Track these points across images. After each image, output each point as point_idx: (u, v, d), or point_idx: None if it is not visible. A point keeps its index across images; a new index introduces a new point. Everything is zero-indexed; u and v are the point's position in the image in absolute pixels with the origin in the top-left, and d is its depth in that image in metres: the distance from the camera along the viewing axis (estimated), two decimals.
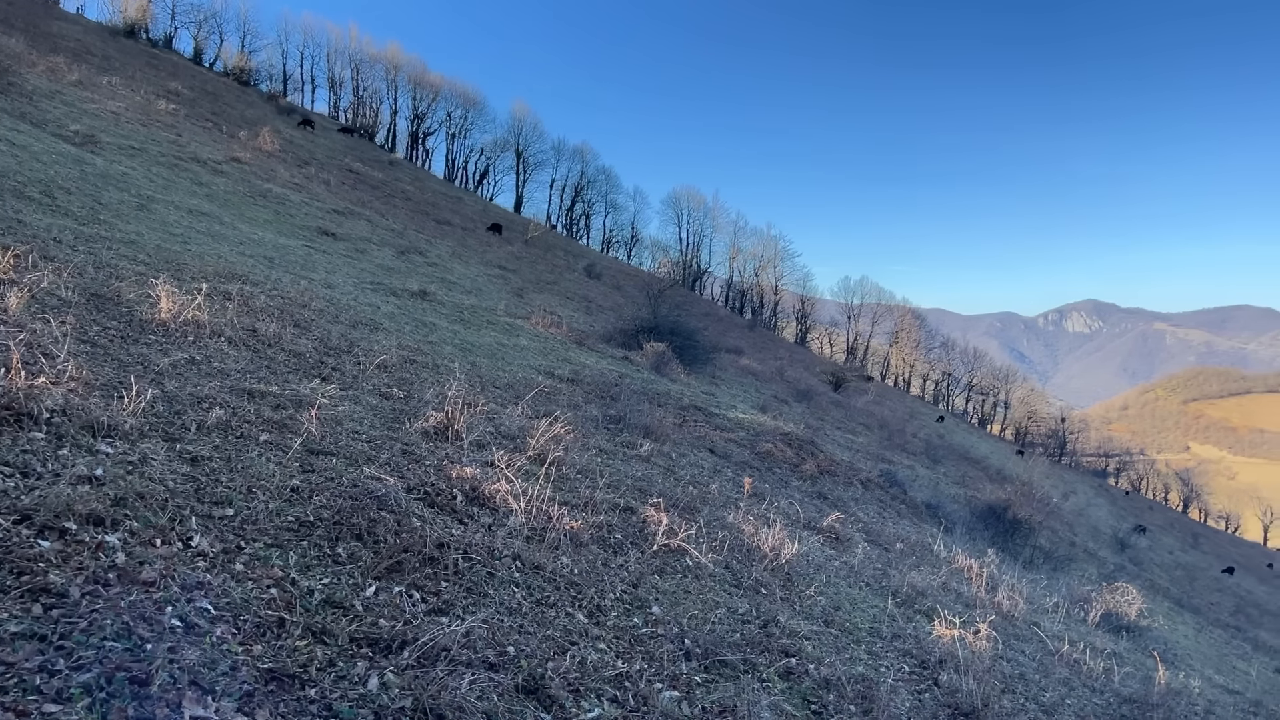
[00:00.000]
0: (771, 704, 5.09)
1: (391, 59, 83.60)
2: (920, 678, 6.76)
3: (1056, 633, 10.34)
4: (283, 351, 9.31)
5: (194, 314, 8.61)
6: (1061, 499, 43.13)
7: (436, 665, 3.96)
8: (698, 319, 37.77)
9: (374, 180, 46.77)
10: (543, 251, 54.40)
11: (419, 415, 8.36)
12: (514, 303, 26.20)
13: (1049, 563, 22.30)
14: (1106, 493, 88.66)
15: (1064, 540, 31.06)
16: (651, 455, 11.37)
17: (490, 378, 12.75)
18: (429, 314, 17.36)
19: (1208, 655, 18.01)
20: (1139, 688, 9.09)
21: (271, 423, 6.62)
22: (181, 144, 28.18)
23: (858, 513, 14.60)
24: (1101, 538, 43.09)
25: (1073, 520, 41.91)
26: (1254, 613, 41.10)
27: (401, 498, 5.76)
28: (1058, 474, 71.64)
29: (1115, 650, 11.11)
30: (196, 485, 4.98)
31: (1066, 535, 33.74)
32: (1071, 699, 7.98)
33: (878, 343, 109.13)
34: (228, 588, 4.01)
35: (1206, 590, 43.07)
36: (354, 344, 11.12)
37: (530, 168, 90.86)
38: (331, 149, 51.31)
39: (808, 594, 7.73)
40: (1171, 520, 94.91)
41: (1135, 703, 8.51)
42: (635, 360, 22.42)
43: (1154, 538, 60.60)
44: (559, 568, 5.81)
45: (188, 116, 36.19)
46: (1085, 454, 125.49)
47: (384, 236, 29.74)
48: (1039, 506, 25.60)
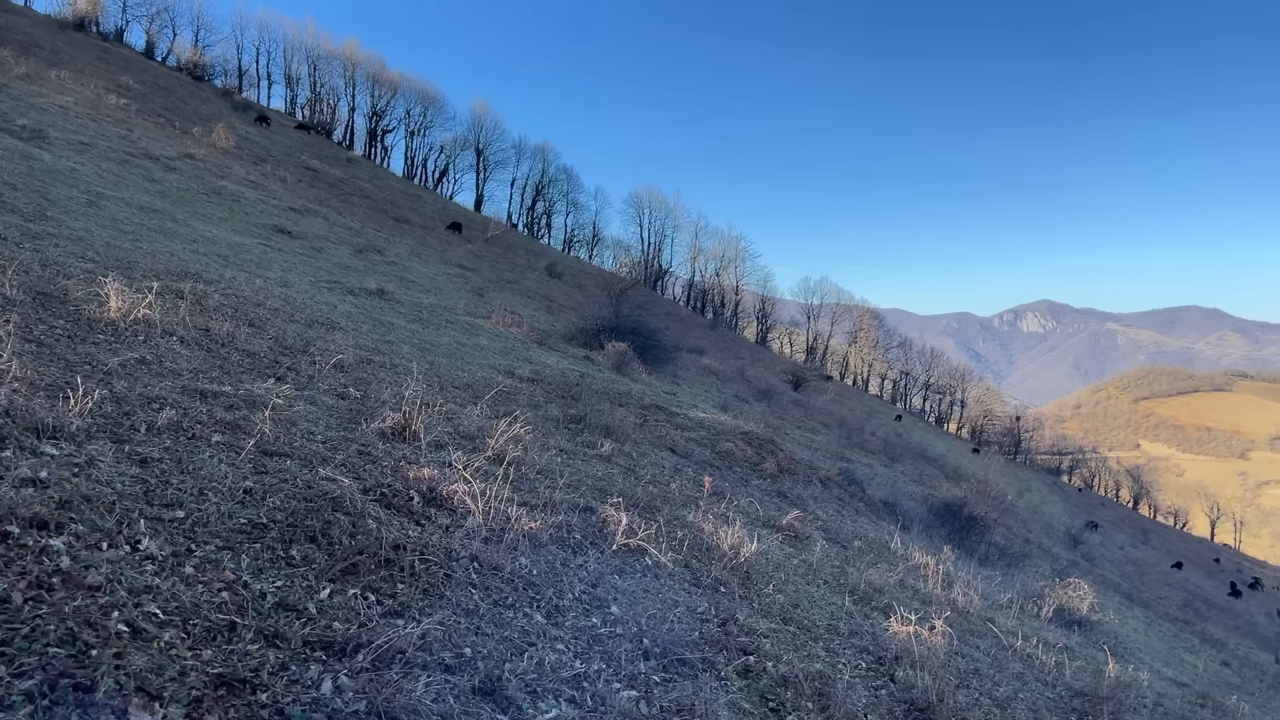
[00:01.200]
0: (729, 702, 5.11)
1: (349, 55, 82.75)
2: (877, 674, 6.83)
3: (1010, 628, 10.50)
4: (236, 351, 9.17)
5: (144, 313, 8.43)
6: (1016, 496, 43.84)
7: (392, 668, 3.92)
8: (659, 319, 37.86)
9: (331, 178, 46.23)
10: (503, 250, 54.14)
11: (376, 415, 8.27)
12: (474, 302, 26.03)
13: (1004, 559, 22.66)
14: (1060, 490, 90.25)
15: (1019, 537, 31.55)
16: (612, 455, 11.35)
17: (449, 377, 12.65)
18: (387, 313, 17.19)
19: (1157, 648, 18.42)
20: (1090, 681, 9.26)
21: (224, 423, 6.51)
22: (133, 139, 27.62)
23: (817, 511, 14.70)
24: (1055, 534, 43.87)
25: (1027, 517, 42.59)
26: (1201, 606, 42.13)
27: (357, 499, 5.70)
28: (1013, 471, 72.84)
29: (1067, 644, 11.31)
30: (145, 487, 4.88)
31: (1021, 532, 34.27)
32: (1025, 693, 8.11)
33: (837, 342, 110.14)
34: (177, 591, 3.93)
35: (1156, 585, 44.05)
36: (310, 343, 10.98)
37: (491, 166, 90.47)
38: (288, 146, 50.60)
39: (766, 592, 7.77)
40: (1123, 516, 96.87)
41: (1086, 696, 8.67)
42: (597, 360, 22.39)
43: (1106, 534, 61.83)
44: (517, 568, 5.78)
45: (139, 112, 35.47)
46: (1040, 452, 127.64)
47: (341, 235, 29.41)
48: (994, 504, 25.99)
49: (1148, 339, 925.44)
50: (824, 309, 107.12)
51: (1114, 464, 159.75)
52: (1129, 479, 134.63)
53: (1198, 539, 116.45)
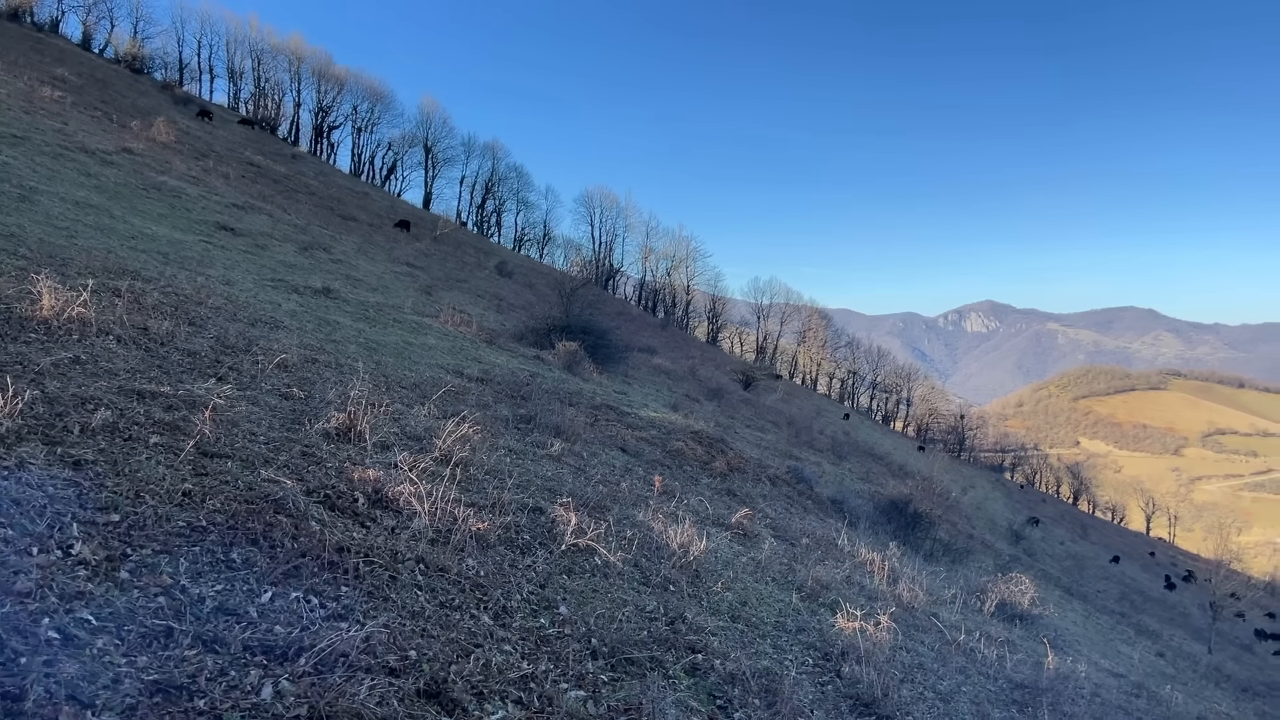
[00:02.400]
0: (677, 700, 5.12)
1: (294, 50, 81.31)
2: (823, 670, 6.91)
3: (954, 622, 10.68)
4: (176, 350, 8.95)
5: (79, 311, 8.19)
6: (961, 493, 44.65)
7: (334, 671, 3.86)
8: (611, 318, 37.83)
9: (276, 174, 45.42)
10: (452, 249, 53.67)
11: (320, 416, 8.14)
12: (422, 301, 25.76)
13: (948, 555, 23.04)
14: (1003, 486, 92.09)
15: (963, 533, 32.13)
16: (562, 455, 11.32)
17: (396, 377, 12.50)
18: (333, 312, 16.93)
19: (1095, 640, 18.89)
20: (1030, 673, 9.48)
21: (162, 424, 6.35)
22: (68, 133, 26.85)
23: (766, 509, 14.82)
24: (998, 530, 44.78)
25: (971, 513, 43.41)
26: (1137, 599, 43.30)
27: (300, 501, 5.60)
28: (957, 469, 74.19)
29: (1009, 638, 11.55)
30: (79, 490, 4.74)
31: (965, 528, 34.91)
32: (967, 686, 8.27)
33: (786, 342, 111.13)
34: (111, 597, 3.84)
35: (1094, 579, 45.15)
36: (253, 342, 10.76)
37: (440, 164, 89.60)
38: (231, 141, 49.59)
39: (715, 590, 7.82)
40: (1063, 512, 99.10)
41: (1026, 688, 8.87)
42: (547, 359, 22.31)
43: (1046, 529, 63.22)
44: (464, 569, 5.74)
45: (75, 105, 34.51)
46: (983, 449, 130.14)
47: (286, 232, 28.89)
48: (939, 501, 26.42)
49: (1087, 339, 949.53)
50: (773, 309, 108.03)
51: (1054, 461, 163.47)
52: (1069, 475, 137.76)
53: (1134, 533, 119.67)
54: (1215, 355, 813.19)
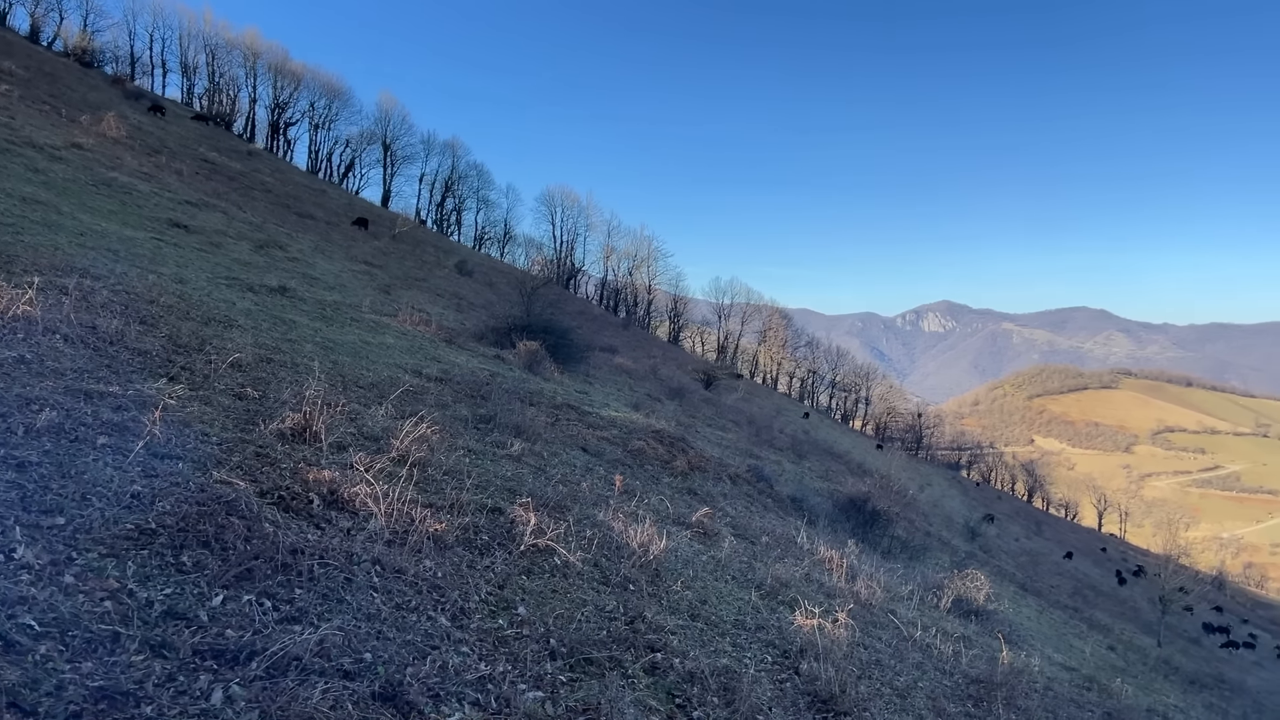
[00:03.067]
0: (636, 700, 5.12)
1: (250, 44, 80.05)
2: (782, 667, 6.95)
3: (911, 619, 10.81)
4: (126, 350, 8.75)
5: (24, 309, 7.98)
6: (918, 491, 45.16)
7: (287, 675, 3.81)
8: (572, 317, 37.73)
9: (231, 171, 44.65)
10: (411, 247, 53.18)
11: (275, 416, 8.01)
12: (380, 300, 25.49)
13: (906, 552, 23.31)
14: (959, 484, 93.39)
15: (920, 530, 32.52)
16: (522, 455, 11.25)
17: (353, 377, 12.35)
18: (289, 311, 16.68)
19: (1048, 635, 19.23)
20: (985, 668, 9.61)
21: (111, 425, 6.21)
22: (15, 127, 26.18)
23: (726, 507, 14.87)
24: (954, 527, 45.37)
25: (928, 511, 43.92)
26: (1090, 594, 44.13)
27: (254, 502, 5.51)
28: (915, 467, 75.09)
29: (965, 634, 11.72)
30: (22, 493, 4.62)
31: (922, 525, 35.33)
32: (924, 681, 8.36)
33: (747, 341, 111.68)
34: (55, 602, 3.74)
35: (1048, 574, 45.94)
36: (206, 342, 10.57)
37: (398, 161, 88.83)
38: (184, 137, 48.65)
39: (675, 589, 7.82)
40: (1018, 509, 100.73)
41: (981, 683, 9.00)
42: (508, 359, 22.19)
43: (1002, 526, 64.24)
44: (421, 571, 5.68)
45: (22, 98, 33.64)
46: (940, 447, 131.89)
47: (241, 229, 28.41)
48: (897, 498, 26.71)
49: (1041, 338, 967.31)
50: (734, 309, 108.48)
51: (1010, 459, 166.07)
52: (1024, 473, 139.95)
53: (1087, 529, 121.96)
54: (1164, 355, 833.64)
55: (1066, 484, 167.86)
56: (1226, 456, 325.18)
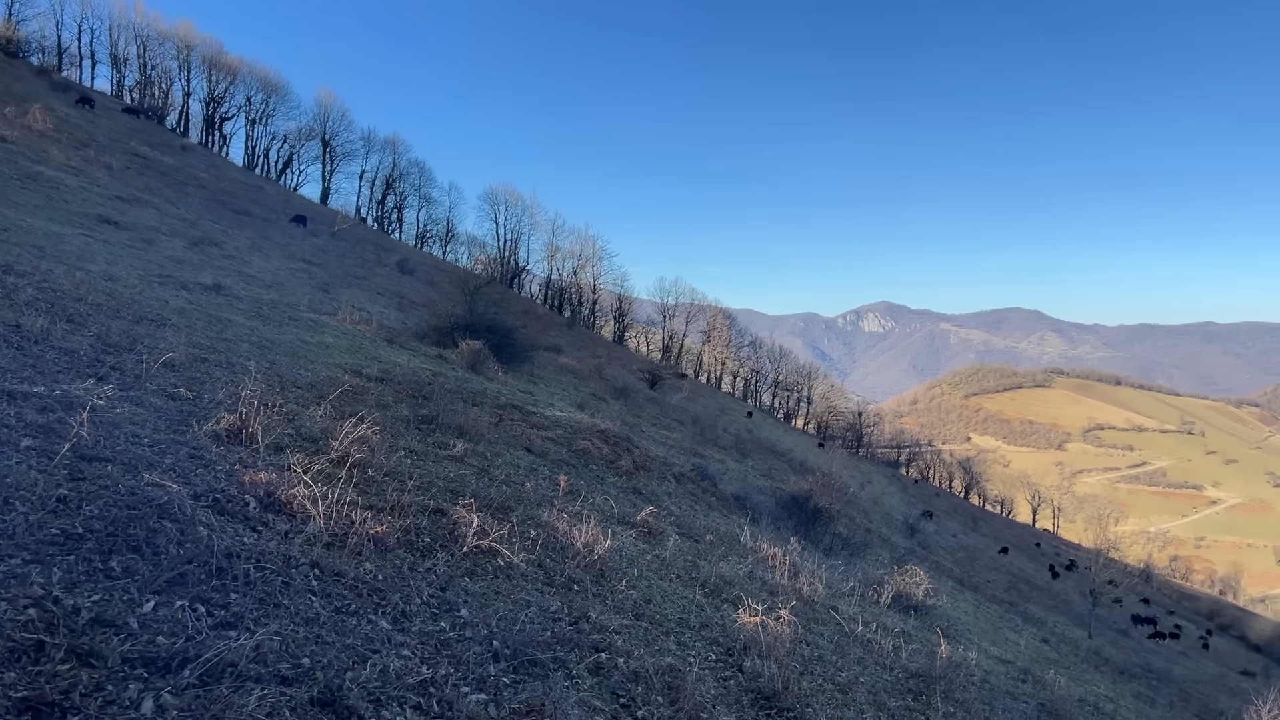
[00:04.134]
0: (580, 700, 5.10)
1: (183, 36, 77.93)
2: (726, 665, 6.99)
3: (852, 615, 10.95)
4: (52, 349, 8.47)
5: None
6: (859, 488, 45.82)
7: (222, 683, 3.71)
8: (516, 317, 37.48)
9: (164, 166, 43.46)
10: (351, 245, 52.31)
11: (210, 417, 7.82)
12: (319, 298, 25.05)
13: (847, 548, 23.60)
14: (899, 481, 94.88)
15: (861, 527, 32.96)
16: (465, 455, 11.15)
17: (291, 377, 12.11)
18: (224, 309, 16.30)
19: (985, 629, 19.62)
20: (924, 663, 9.78)
21: (36, 426, 6.00)
22: None
23: (671, 506, 14.91)
24: (894, 523, 46.06)
25: (869, 508, 44.53)
26: (1025, 588, 45.21)
27: (187, 505, 5.37)
28: (855, 464, 76.13)
29: (904, 629, 11.90)
30: None
31: (863, 522, 35.80)
32: (865, 677, 8.48)
33: (691, 341, 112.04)
34: None
35: (985, 569, 46.94)
36: (137, 341, 10.28)
37: (338, 158, 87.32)
38: (115, 131, 47.24)
39: (620, 588, 7.82)
40: (955, 506, 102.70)
41: (921, 677, 9.15)
42: (450, 358, 21.96)
43: (940, 522, 65.40)
44: (362, 574, 5.59)
45: None
46: (880, 445, 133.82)
47: (174, 226, 27.68)
48: (838, 496, 27.00)
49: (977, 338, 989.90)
50: (679, 308, 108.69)
51: (947, 456, 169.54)
52: (961, 470, 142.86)
53: (1021, 525, 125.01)
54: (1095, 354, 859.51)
55: (1002, 481, 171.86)
56: (1153, 453, 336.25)
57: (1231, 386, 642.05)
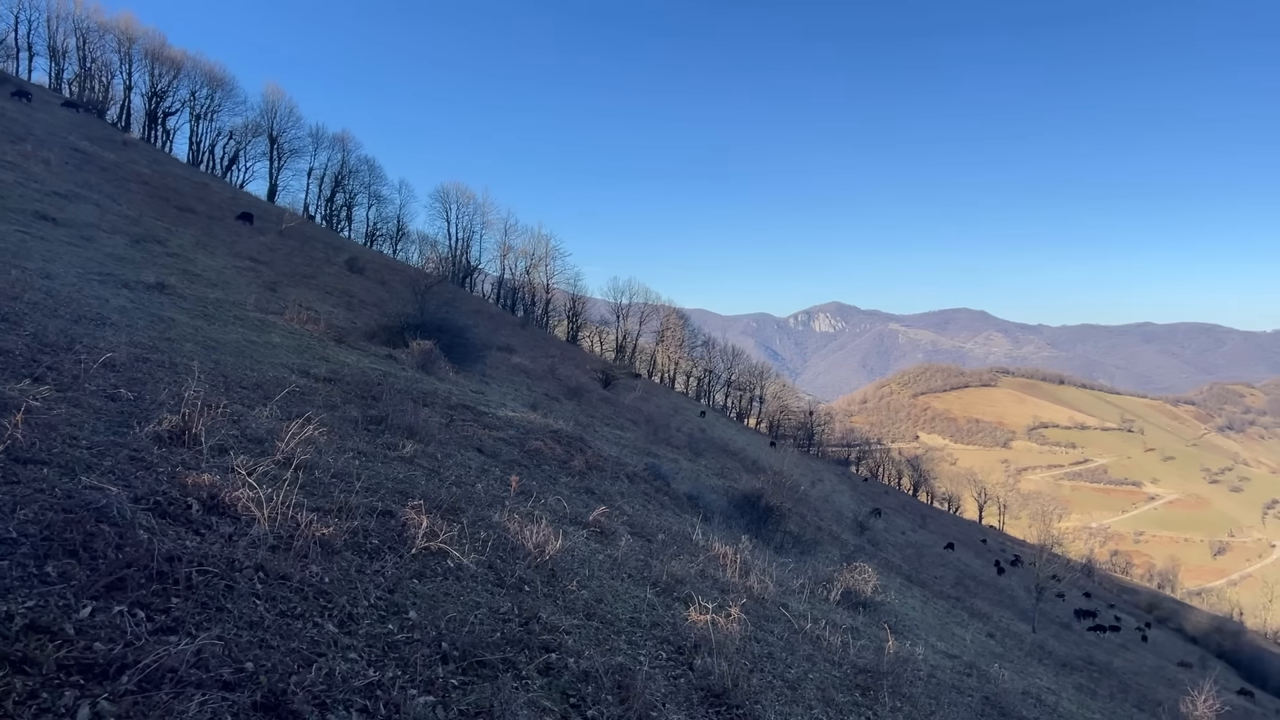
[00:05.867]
0: (530, 701, 5.09)
1: (125, 29, 76.02)
2: (676, 663, 7.02)
3: (802, 612, 11.07)
4: None
5: None
6: (810, 486, 46.24)
7: (161, 689, 3.64)
8: (468, 316, 37.19)
9: (105, 161, 42.42)
10: (299, 243, 51.53)
11: (152, 418, 7.65)
12: (266, 297, 24.63)
13: (798, 546, 23.83)
14: (849, 479, 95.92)
15: (811, 525, 33.28)
16: (415, 456, 11.06)
17: (236, 377, 11.91)
18: (168, 308, 15.97)
19: (932, 624, 19.94)
20: (872, 658, 9.91)
21: None
22: None
23: (623, 506, 14.93)
24: (844, 521, 46.60)
25: (819, 506, 44.99)
26: (971, 584, 46.01)
27: (126, 508, 5.25)
28: (806, 463, 76.83)
29: (853, 625, 12.07)
30: None
31: (814, 520, 36.17)
32: (814, 673, 8.57)
33: (645, 341, 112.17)
34: None
35: (933, 565, 47.67)
36: (76, 340, 10.04)
37: (286, 154, 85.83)
38: (53, 125, 45.98)
39: (571, 588, 7.81)
40: (904, 503, 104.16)
41: (869, 672, 9.28)
42: (400, 359, 21.75)
43: (889, 519, 66.29)
44: (308, 576, 5.51)
45: None
46: (831, 444, 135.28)
47: (116, 223, 27.03)
48: (789, 494, 27.25)
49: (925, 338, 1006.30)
50: (632, 308, 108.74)
51: (896, 455, 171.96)
52: (909, 468, 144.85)
53: (968, 522, 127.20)
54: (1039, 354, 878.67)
55: (949, 478, 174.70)
56: (1095, 450, 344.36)
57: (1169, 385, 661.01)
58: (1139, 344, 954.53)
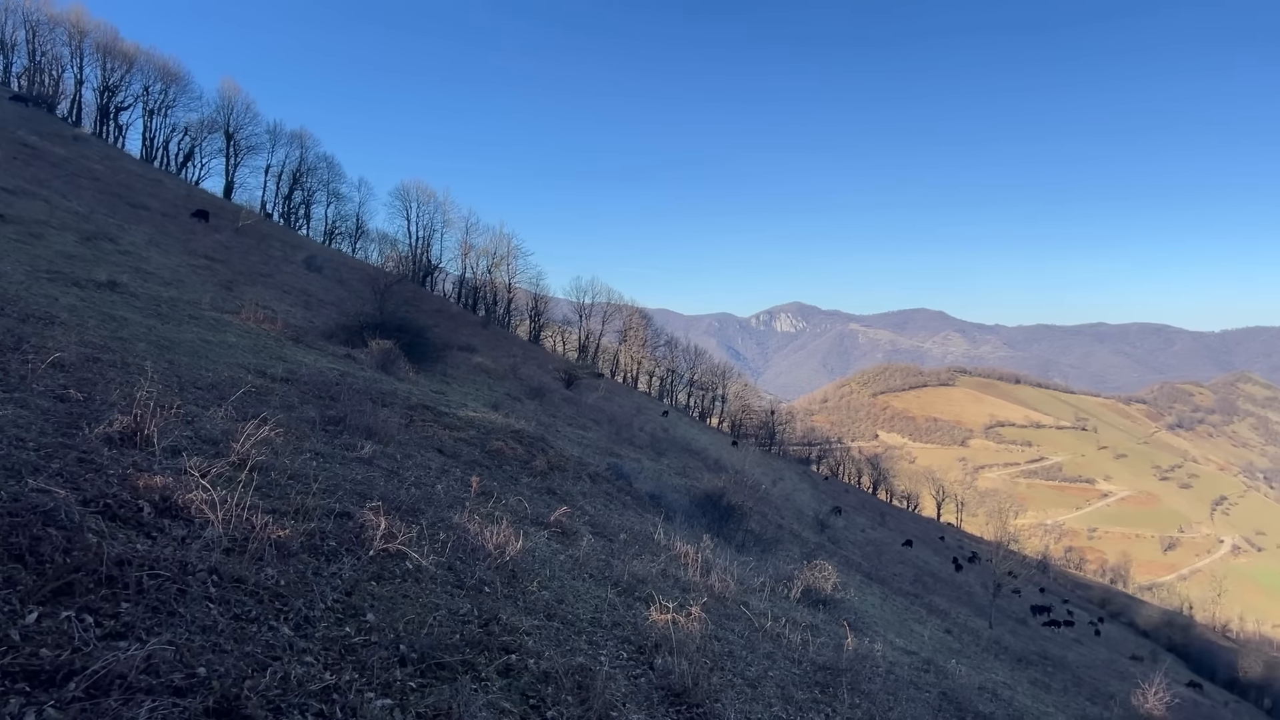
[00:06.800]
0: (489, 702, 5.06)
1: (75, 22, 74.26)
2: (637, 663, 7.02)
3: (763, 610, 11.13)
4: None
5: None
6: (771, 485, 46.49)
7: (110, 695, 3.57)
8: (429, 316, 36.99)
9: (55, 157, 41.51)
10: (256, 241, 50.78)
11: (102, 419, 7.50)
12: (222, 296, 24.25)
13: (759, 545, 23.99)
14: (810, 478, 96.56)
15: (772, 523, 33.52)
16: (374, 457, 10.95)
17: (191, 378, 11.71)
18: (120, 307, 15.66)
19: (891, 621, 20.18)
20: (832, 655, 10.01)
21: None
22: None
23: (585, 506, 14.91)
24: (805, 519, 46.93)
25: (780, 504, 45.30)
26: (929, 581, 46.57)
27: (75, 511, 5.13)
28: (768, 462, 77.31)
29: (813, 623, 12.16)
30: None
31: (775, 519, 36.42)
32: (774, 671, 8.63)
33: (608, 341, 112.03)
34: None
35: (892, 563, 48.19)
36: (23, 340, 9.81)
37: (242, 151, 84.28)
38: (1, 119, 44.89)
39: (532, 589, 7.78)
40: (864, 501, 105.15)
41: (828, 669, 9.37)
42: (359, 358, 21.54)
43: (849, 517, 66.84)
44: (263, 579, 5.43)
45: None
46: (792, 443, 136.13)
47: (66, 220, 26.45)
48: (751, 493, 27.39)
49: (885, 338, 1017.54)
50: (595, 308, 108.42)
51: (856, 453, 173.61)
52: (869, 466, 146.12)
53: (927, 519, 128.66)
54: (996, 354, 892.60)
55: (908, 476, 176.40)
56: (1050, 448, 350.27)
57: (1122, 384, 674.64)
58: (1093, 344, 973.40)
